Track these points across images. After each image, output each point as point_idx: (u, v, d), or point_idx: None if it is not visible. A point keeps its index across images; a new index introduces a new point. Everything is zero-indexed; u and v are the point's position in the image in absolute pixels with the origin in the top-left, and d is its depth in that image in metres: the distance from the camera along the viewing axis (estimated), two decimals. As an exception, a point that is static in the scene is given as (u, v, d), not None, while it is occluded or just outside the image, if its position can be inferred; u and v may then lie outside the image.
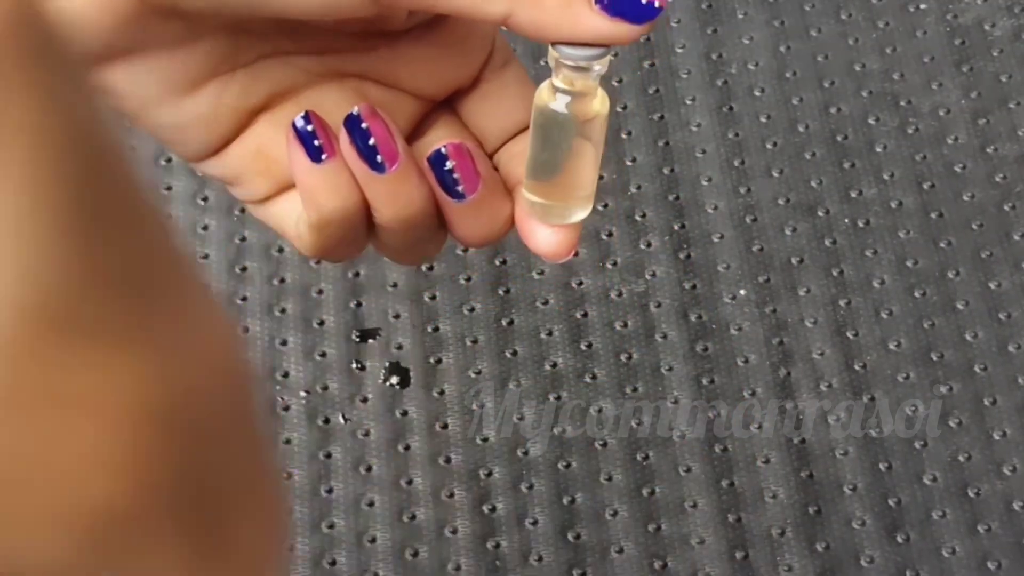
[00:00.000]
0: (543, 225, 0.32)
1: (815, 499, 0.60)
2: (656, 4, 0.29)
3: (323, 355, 0.62)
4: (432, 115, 0.34)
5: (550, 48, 0.30)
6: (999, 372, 0.63)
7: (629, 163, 0.67)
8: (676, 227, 0.66)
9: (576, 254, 0.54)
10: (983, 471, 0.61)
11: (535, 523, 0.60)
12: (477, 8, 0.28)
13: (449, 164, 0.30)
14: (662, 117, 0.69)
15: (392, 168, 0.30)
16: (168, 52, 0.30)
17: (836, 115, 0.69)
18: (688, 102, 0.69)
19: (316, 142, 0.30)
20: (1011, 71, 0.70)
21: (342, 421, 0.61)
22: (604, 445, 0.61)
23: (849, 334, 0.64)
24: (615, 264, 0.65)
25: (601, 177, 0.65)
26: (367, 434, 0.61)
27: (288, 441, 0.60)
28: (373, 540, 0.58)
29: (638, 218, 0.66)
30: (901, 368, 0.63)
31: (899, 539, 0.59)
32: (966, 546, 0.59)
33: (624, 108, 0.69)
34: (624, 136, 0.68)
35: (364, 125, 0.30)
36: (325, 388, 0.62)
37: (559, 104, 0.30)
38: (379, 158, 0.30)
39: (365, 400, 0.61)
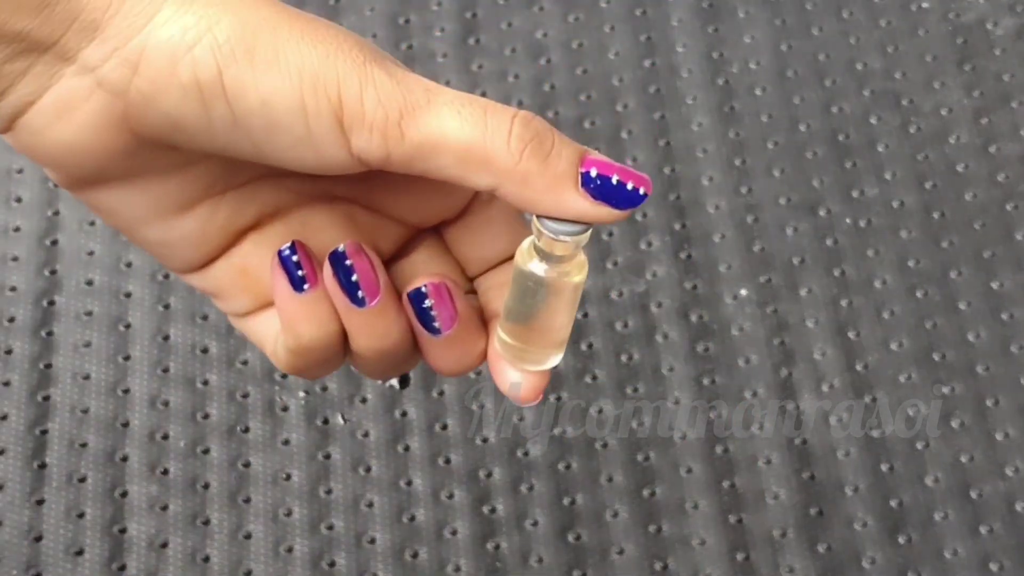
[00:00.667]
0: (513, 368, 0.33)
1: (816, 500, 0.60)
2: (641, 192, 0.29)
3: (322, 355, 0.62)
4: (418, 237, 0.34)
5: (534, 216, 0.31)
6: (1001, 373, 0.62)
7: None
8: (677, 227, 0.66)
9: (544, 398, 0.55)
10: (985, 472, 0.60)
11: (535, 524, 0.59)
12: (465, 179, 0.29)
13: (428, 303, 0.31)
14: (663, 116, 0.68)
15: (372, 303, 0.31)
16: (161, 178, 0.30)
17: (837, 114, 0.69)
18: (689, 101, 0.69)
19: (300, 272, 0.31)
20: (1013, 70, 0.70)
21: (341, 422, 0.61)
22: (604, 446, 0.61)
23: (851, 334, 0.63)
24: (615, 264, 0.65)
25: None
26: (366, 435, 0.60)
27: (287, 442, 0.60)
28: (372, 541, 0.58)
29: (639, 218, 0.66)
30: (903, 368, 0.63)
31: (901, 540, 0.59)
32: (968, 547, 0.59)
33: (625, 107, 0.69)
34: (624, 135, 0.68)
35: (348, 262, 0.31)
36: (324, 389, 0.61)
37: (537, 268, 0.31)
38: (360, 294, 0.31)
39: (364, 401, 0.61)
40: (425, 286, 0.31)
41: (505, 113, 0.28)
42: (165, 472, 0.59)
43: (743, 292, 0.64)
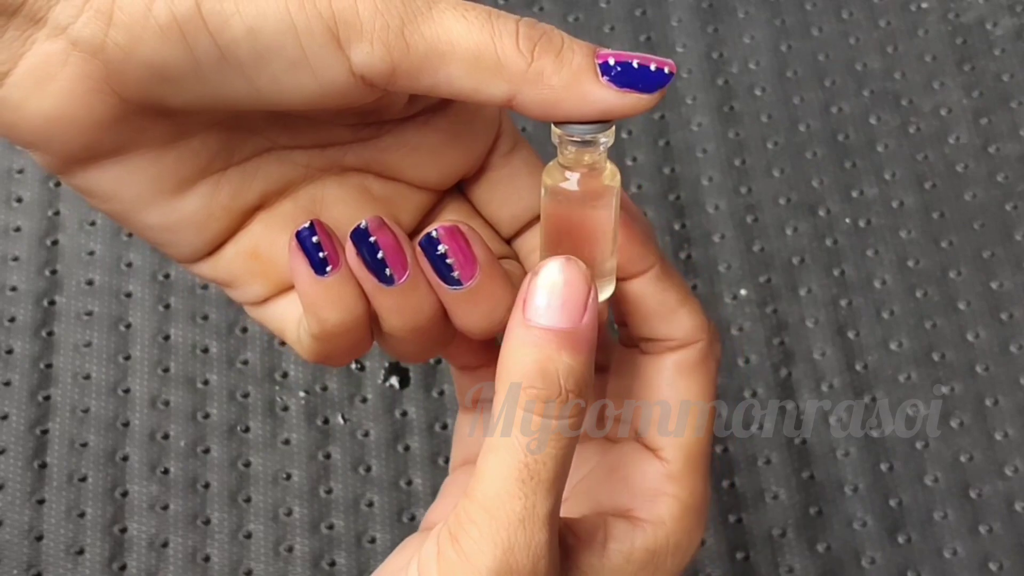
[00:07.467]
0: None
1: (816, 500, 0.60)
2: (666, 71, 0.27)
3: (322, 355, 0.62)
4: (442, 203, 0.32)
5: (552, 125, 0.28)
6: (1001, 372, 0.63)
7: (629, 163, 0.67)
8: (677, 227, 0.66)
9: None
10: (985, 472, 0.60)
11: (535, 524, 0.59)
12: (478, 91, 0.27)
13: (442, 248, 0.28)
14: (662, 116, 0.69)
15: (401, 280, 0.29)
16: (156, 152, 0.28)
17: (837, 114, 0.69)
18: (689, 101, 0.69)
19: (321, 254, 0.29)
20: (1013, 70, 0.70)
21: (341, 421, 0.61)
22: (604, 446, 0.61)
23: (850, 334, 0.63)
24: (615, 264, 0.65)
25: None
26: (366, 435, 0.60)
27: (287, 441, 0.60)
28: (373, 541, 0.58)
29: (638, 218, 0.66)
30: (902, 368, 0.63)
31: (900, 540, 0.59)
32: (967, 547, 0.59)
33: (624, 107, 0.69)
34: (624, 136, 0.68)
35: (372, 239, 0.28)
36: (324, 388, 0.61)
37: (569, 183, 0.28)
38: (388, 271, 0.29)
39: (364, 400, 0.61)
40: (436, 230, 0.28)
41: (509, 17, 0.27)
42: (165, 472, 0.59)
43: (743, 292, 0.64)
